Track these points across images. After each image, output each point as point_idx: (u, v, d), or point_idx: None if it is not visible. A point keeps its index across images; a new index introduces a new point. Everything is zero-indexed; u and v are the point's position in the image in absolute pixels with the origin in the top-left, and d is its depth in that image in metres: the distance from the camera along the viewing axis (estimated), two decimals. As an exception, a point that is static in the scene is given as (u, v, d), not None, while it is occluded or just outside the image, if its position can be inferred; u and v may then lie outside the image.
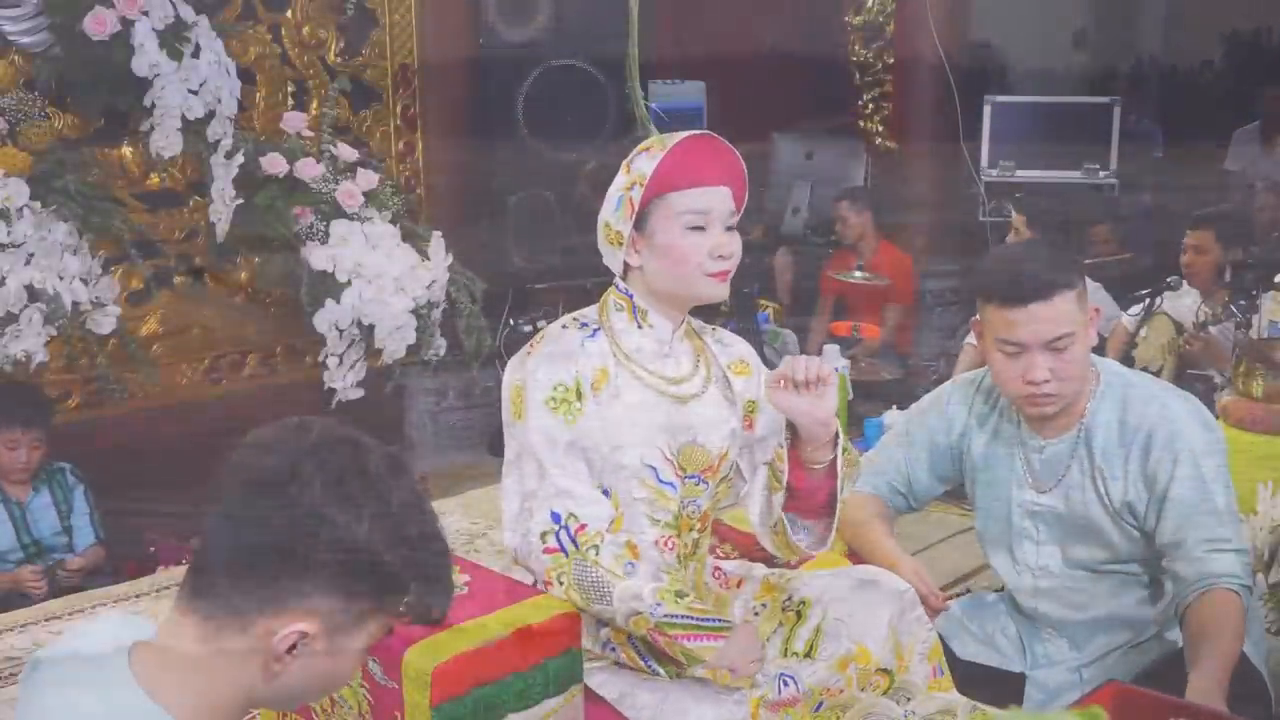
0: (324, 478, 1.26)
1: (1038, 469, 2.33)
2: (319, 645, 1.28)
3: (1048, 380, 2.18)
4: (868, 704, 2.08)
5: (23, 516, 3.67)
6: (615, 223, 2.10)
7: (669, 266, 2.09)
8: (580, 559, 1.99)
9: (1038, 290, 2.14)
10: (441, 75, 4.65)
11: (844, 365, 4.93)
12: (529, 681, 1.94)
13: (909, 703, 2.11)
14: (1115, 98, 6.08)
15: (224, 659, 1.27)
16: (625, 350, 2.13)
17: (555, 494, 2.02)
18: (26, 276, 3.45)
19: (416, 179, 4.67)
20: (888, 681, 2.11)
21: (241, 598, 1.26)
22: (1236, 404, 3.47)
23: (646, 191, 2.05)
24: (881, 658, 2.10)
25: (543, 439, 2.04)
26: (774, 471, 2.13)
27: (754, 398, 2.25)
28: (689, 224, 2.07)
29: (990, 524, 2.44)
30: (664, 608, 1.95)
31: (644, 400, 2.11)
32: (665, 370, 2.15)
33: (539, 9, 4.53)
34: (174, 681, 1.27)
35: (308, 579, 1.26)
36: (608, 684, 2.05)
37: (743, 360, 2.27)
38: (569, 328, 2.15)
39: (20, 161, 3.49)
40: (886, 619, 2.11)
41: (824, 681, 2.08)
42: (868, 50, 6.30)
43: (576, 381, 2.07)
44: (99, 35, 3.57)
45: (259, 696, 1.31)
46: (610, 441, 2.07)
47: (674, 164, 2.06)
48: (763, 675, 2.08)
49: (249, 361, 4.34)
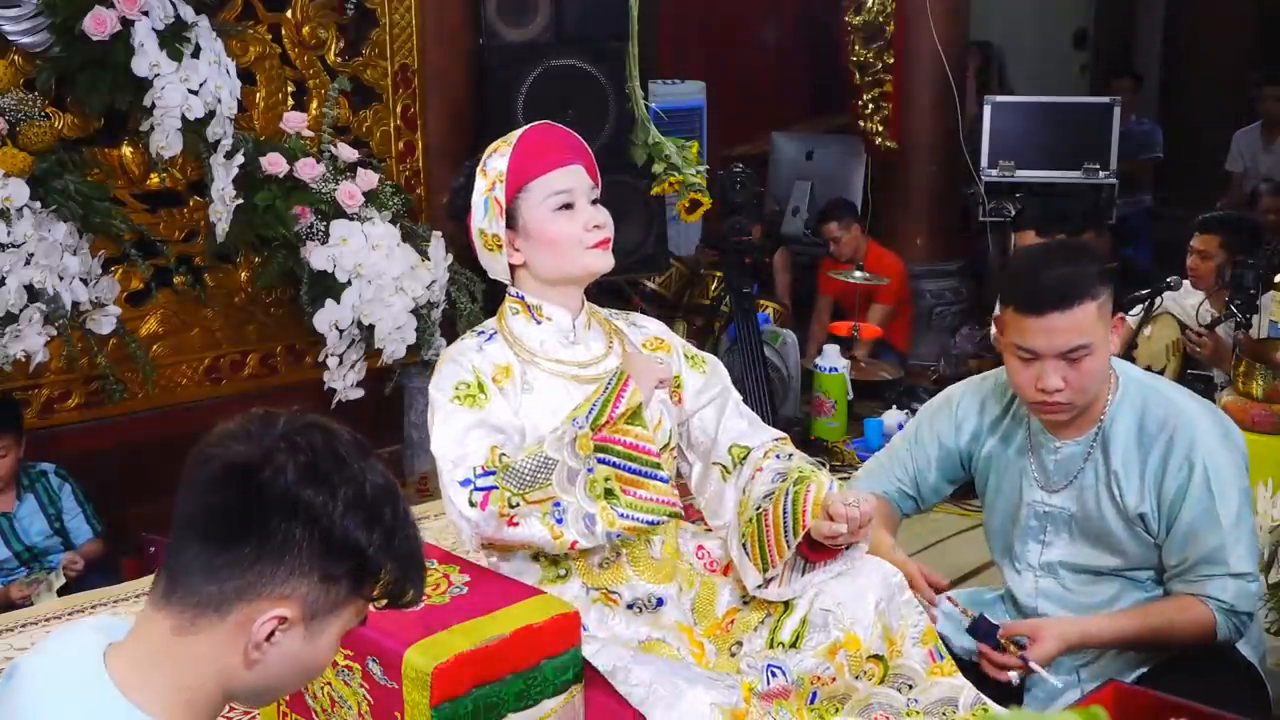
0: (297, 461, 1.26)
1: (1050, 469, 2.32)
2: (298, 631, 1.28)
3: (1060, 389, 2.15)
4: (867, 694, 2.08)
5: (10, 525, 3.64)
6: (488, 226, 2.17)
7: (550, 251, 2.16)
8: (504, 471, 2.01)
9: (1056, 301, 2.10)
10: (441, 75, 4.65)
11: (844, 365, 4.94)
12: (529, 681, 1.94)
13: (911, 690, 2.11)
14: (1115, 98, 6.08)
15: (200, 650, 1.27)
16: (528, 349, 2.18)
17: (454, 466, 2.04)
18: (26, 276, 3.45)
19: (416, 179, 4.66)
20: (882, 668, 2.10)
21: (218, 586, 1.26)
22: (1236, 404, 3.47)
23: (508, 187, 2.13)
24: (871, 644, 2.09)
25: (446, 431, 2.07)
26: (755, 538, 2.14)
27: (676, 371, 2.29)
28: (555, 205, 2.15)
29: (998, 522, 2.44)
30: (581, 413, 2.02)
31: (557, 388, 2.16)
32: (575, 357, 2.20)
33: (539, 9, 4.52)
34: (148, 678, 1.26)
35: (285, 563, 1.26)
36: (601, 655, 2.04)
37: (658, 338, 2.33)
38: (466, 338, 2.23)
39: (20, 161, 3.49)
40: (873, 604, 2.11)
41: (812, 670, 2.07)
42: (868, 50, 6.30)
43: (476, 377, 2.12)
44: (99, 35, 3.57)
45: (237, 688, 1.30)
46: (533, 431, 2.11)
47: (524, 155, 2.15)
48: (748, 665, 2.08)
49: (249, 361, 4.33)
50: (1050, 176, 5.94)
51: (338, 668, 2.02)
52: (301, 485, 1.26)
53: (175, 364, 4.16)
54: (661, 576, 2.18)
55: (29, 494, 3.70)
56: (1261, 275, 3.67)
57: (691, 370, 2.31)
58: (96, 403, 3.97)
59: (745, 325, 4.55)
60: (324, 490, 1.26)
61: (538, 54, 4.49)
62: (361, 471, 1.30)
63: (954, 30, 6.09)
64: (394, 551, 1.31)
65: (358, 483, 1.29)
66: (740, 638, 2.15)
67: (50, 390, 3.93)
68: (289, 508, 1.25)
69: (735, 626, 2.17)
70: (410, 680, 1.87)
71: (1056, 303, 2.10)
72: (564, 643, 1.98)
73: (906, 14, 6.07)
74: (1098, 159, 5.89)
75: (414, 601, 1.37)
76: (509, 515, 2.00)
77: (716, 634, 2.19)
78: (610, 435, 2.00)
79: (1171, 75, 8.48)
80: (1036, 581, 2.37)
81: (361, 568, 1.30)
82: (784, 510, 2.09)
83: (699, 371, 2.32)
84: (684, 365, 2.31)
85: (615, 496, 2.00)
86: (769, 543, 2.09)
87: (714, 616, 2.21)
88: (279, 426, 1.29)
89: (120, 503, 3.82)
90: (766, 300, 5.54)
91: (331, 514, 1.26)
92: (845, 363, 4.95)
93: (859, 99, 6.37)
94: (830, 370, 4.87)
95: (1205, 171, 7.15)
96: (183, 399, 4.15)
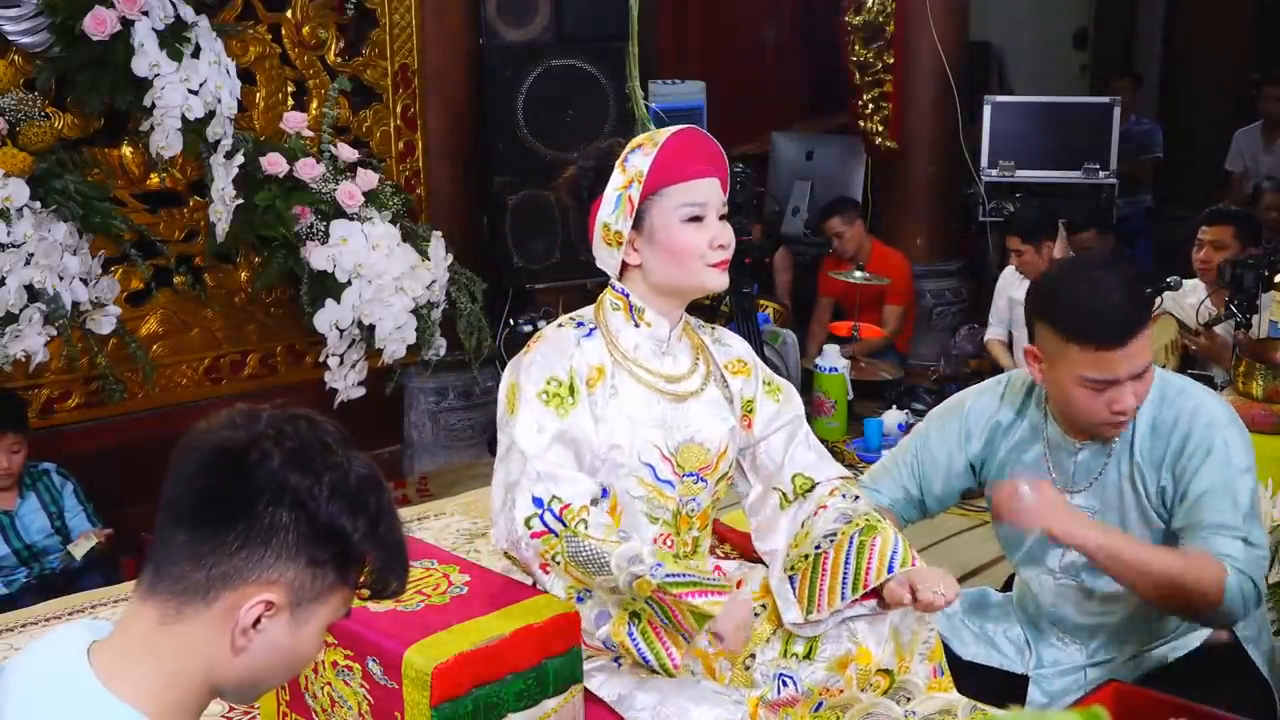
0: (283, 447, 1.27)
1: (1071, 471, 2.31)
2: (284, 618, 1.28)
3: (1134, 405, 2.17)
4: (868, 704, 2.08)
5: (12, 524, 3.64)
6: (615, 223, 2.11)
7: (671, 260, 2.09)
8: (571, 535, 1.98)
9: (1133, 331, 2.11)
10: (441, 75, 4.65)
11: (844, 365, 4.94)
12: (529, 681, 1.94)
13: (909, 702, 2.11)
14: (1115, 98, 6.09)
15: (186, 639, 1.27)
16: (622, 349, 2.13)
17: (536, 479, 2.01)
18: (26, 276, 3.45)
19: (416, 179, 4.66)
20: (888, 682, 2.11)
21: (204, 573, 1.26)
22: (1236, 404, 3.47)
23: (645, 187, 2.07)
24: (882, 658, 2.10)
25: (532, 428, 2.04)
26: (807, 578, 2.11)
27: (751, 396, 2.25)
28: (687, 215, 2.08)
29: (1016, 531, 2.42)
30: (665, 567, 1.93)
31: (641, 397, 2.11)
32: (663, 368, 2.15)
33: (539, 9, 4.53)
34: (132, 669, 1.27)
35: (271, 547, 1.26)
36: (606, 686, 2.05)
37: (740, 360, 2.28)
38: (565, 326, 2.16)
39: (20, 161, 3.49)
40: (889, 620, 2.11)
41: (823, 682, 2.08)
42: (868, 50, 6.30)
43: (570, 376, 2.08)
44: (99, 35, 3.57)
45: (223, 679, 1.30)
46: (607, 439, 2.07)
47: (668, 158, 2.08)
48: (761, 675, 2.08)
49: (249, 361, 4.34)
50: (1050, 176, 5.95)
51: (338, 667, 2.02)
52: (288, 470, 1.26)
53: (175, 364, 4.16)
54: None
55: (30, 492, 3.69)
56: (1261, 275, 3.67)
57: (766, 397, 2.27)
58: (96, 403, 3.97)
59: (745, 325, 4.55)
60: (310, 475, 1.27)
61: (538, 54, 4.49)
62: (346, 460, 1.31)
63: (954, 30, 6.09)
64: (378, 539, 1.32)
65: (343, 469, 1.30)
66: (754, 650, 2.14)
67: (50, 390, 3.93)
68: (276, 491, 1.26)
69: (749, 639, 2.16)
70: (410, 680, 1.87)
71: (1134, 333, 2.11)
72: (564, 643, 1.98)
73: (906, 14, 6.07)
74: (1098, 159, 5.90)
75: (398, 591, 1.38)
76: (545, 563, 2.00)
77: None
78: (669, 600, 1.93)
79: (1171, 75, 8.47)
80: (1057, 584, 2.36)
81: (346, 554, 1.30)
82: (845, 559, 2.07)
83: (774, 399, 2.28)
84: (760, 390, 2.27)
85: (638, 621, 1.97)
86: (821, 587, 2.08)
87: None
88: (263, 416, 1.30)
89: (120, 503, 3.82)
90: (766, 300, 5.54)
91: (318, 498, 1.27)
92: (845, 363, 4.95)
93: (859, 99, 6.37)
94: (830, 370, 4.88)
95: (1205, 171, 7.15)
96: (183, 399, 4.16)
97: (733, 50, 7.18)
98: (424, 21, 4.57)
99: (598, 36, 4.56)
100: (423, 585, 2.08)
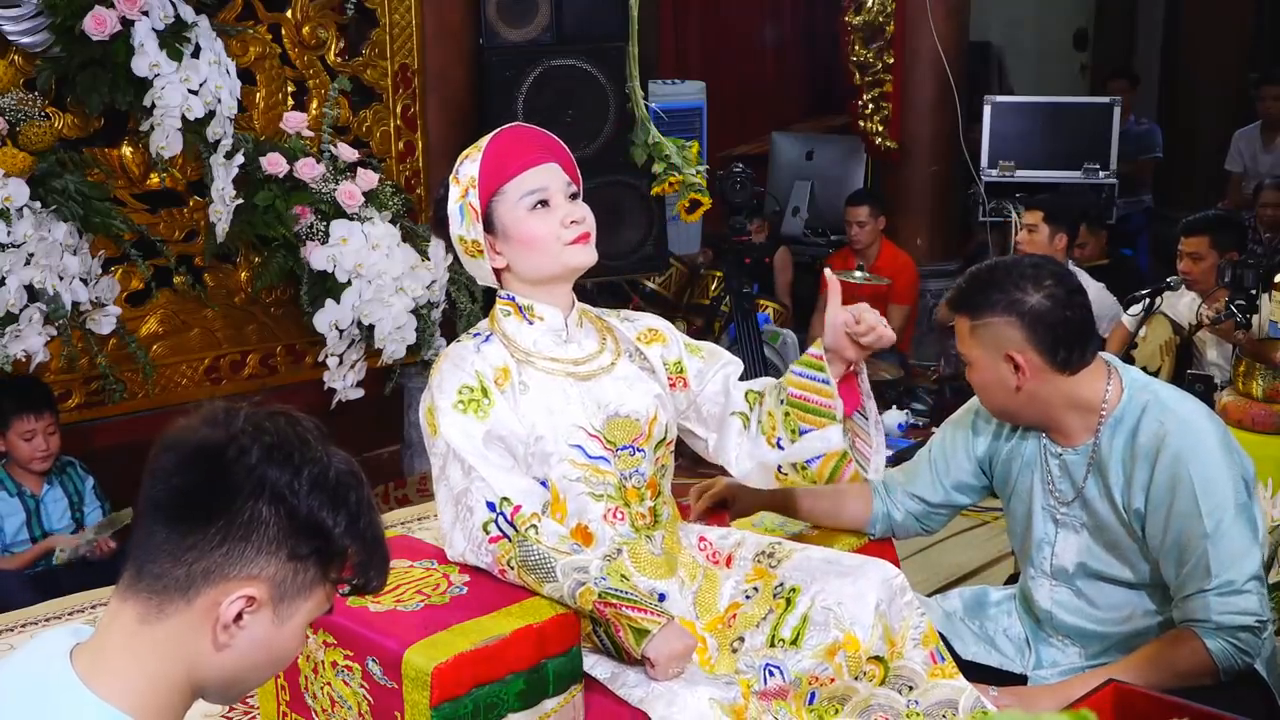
0: (262, 442, 1.28)
1: (1057, 476, 2.32)
2: (266, 613, 1.29)
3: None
4: (868, 695, 2.07)
5: (36, 509, 3.68)
6: (466, 233, 2.17)
7: (530, 250, 2.15)
8: (522, 540, 2.02)
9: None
10: (441, 75, 4.65)
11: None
12: (529, 681, 1.94)
13: (911, 692, 2.10)
14: (1115, 98, 6.09)
15: (168, 637, 1.27)
16: (524, 349, 2.18)
17: (484, 485, 2.05)
18: (26, 276, 3.45)
19: (416, 179, 4.66)
20: (883, 670, 2.10)
21: (185, 569, 1.26)
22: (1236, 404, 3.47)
23: (481, 190, 2.13)
24: (871, 645, 2.09)
25: (460, 437, 2.08)
26: (799, 411, 2.17)
27: (677, 358, 2.31)
28: (530, 204, 2.14)
29: (1017, 526, 2.44)
30: (609, 581, 1.98)
31: (553, 386, 2.16)
32: (569, 354, 2.20)
33: (539, 9, 4.52)
34: (113, 668, 1.27)
35: (252, 542, 1.26)
36: (599, 665, 2.05)
37: (652, 329, 2.34)
38: (463, 340, 2.22)
39: (20, 161, 3.48)
40: (873, 605, 2.10)
41: (811, 670, 2.06)
42: (868, 50, 6.30)
43: (479, 380, 2.12)
44: (99, 35, 3.57)
45: (206, 677, 1.30)
46: (531, 431, 2.11)
47: (495, 158, 2.15)
48: (746, 665, 2.08)
49: (249, 361, 4.33)
50: (1050, 176, 5.95)
51: (338, 667, 2.02)
52: (267, 464, 1.27)
53: (175, 364, 4.16)
54: (663, 572, 2.18)
55: (57, 480, 3.74)
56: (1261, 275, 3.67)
57: (691, 356, 2.33)
58: (96, 403, 3.97)
59: (745, 325, 4.56)
60: (289, 469, 1.28)
61: (538, 54, 4.49)
62: (326, 455, 1.31)
63: (954, 30, 6.10)
64: (359, 534, 1.32)
65: (322, 464, 1.30)
66: (742, 633, 2.15)
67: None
68: (255, 486, 1.26)
69: (738, 622, 2.17)
70: (410, 680, 1.87)
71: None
72: (564, 643, 1.98)
73: (906, 14, 6.08)
74: (1098, 159, 5.90)
75: (379, 587, 1.39)
76: (504, 568, 2.04)
77: (719, 628, 2.18)
78: (610, 613, 1.97)
79: (1171, 75, 8.47)
80: (1052, 589, 2.36)
81: (327, 548, 1.31)
82: (796, 373, 2.18)
83: (698, 356, 2.34)
84: (684, 351, 2.33)
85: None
86: (812, 401, 2.16)
87: (716, 610, 2.21)
88: (242, 413, 1.31)
89: (120, 503, 3.82)
90: (766, 300, 5.54)
91: (297, 492, 1.27)
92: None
93: (859, 99, 6.37)
94: (830, 370, 4.86)
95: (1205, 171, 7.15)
96: (183, 399, 4.15)
97: (733, 50, 7.19)
98: (424, 21, 4.57)
99: (598, 37, 4.55)
100: (423, 585, 2.08)
